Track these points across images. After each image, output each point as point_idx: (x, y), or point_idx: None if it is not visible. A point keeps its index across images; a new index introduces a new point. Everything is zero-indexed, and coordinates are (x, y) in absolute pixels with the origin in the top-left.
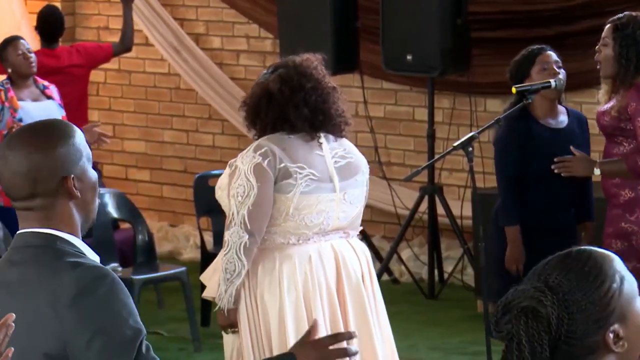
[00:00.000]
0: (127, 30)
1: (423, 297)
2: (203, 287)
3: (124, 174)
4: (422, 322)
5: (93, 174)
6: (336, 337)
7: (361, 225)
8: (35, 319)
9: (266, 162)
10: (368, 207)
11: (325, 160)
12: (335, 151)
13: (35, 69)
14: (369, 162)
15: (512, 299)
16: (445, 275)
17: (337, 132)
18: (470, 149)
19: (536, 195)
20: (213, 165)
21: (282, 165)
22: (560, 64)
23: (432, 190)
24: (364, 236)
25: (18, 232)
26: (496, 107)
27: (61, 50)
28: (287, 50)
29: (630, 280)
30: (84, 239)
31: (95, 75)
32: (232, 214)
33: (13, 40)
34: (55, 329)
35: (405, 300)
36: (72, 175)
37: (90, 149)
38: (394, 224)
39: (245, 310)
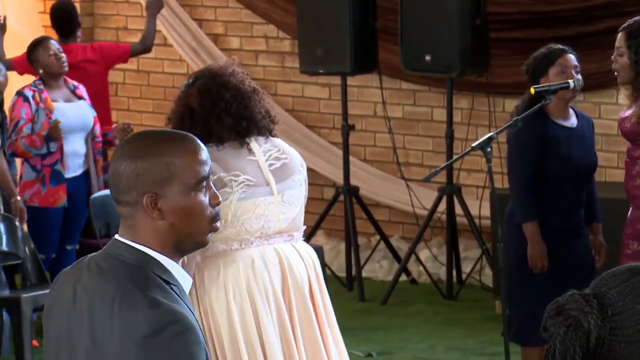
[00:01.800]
0: (148, 34)
1: (441, 297)
2: None
3: None
4: (440, 323)
5: (192, 201)
6: None
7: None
8: (104, 341)
9: None
10: (386, 208)
11: (259, 164)
12: (269, 153)
13: (66, 69)
14: (387, 163)
15: (566, 302)
16: (464, 276)
17: (265, 133)
18: (489, 149)
19: (552, 194)
20: None
21: (216, 176)
22: (579, 69)
23: (451, 191)
24: (382, 237)
25: (115, 236)
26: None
27: (75, 46)
28: (306, 51)
29: None
30: (103, 237)
31: (114, 76)
32: None
33: (43, 41)
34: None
35: (424, 300)
36: (153, 195)
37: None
38: (412, 224)
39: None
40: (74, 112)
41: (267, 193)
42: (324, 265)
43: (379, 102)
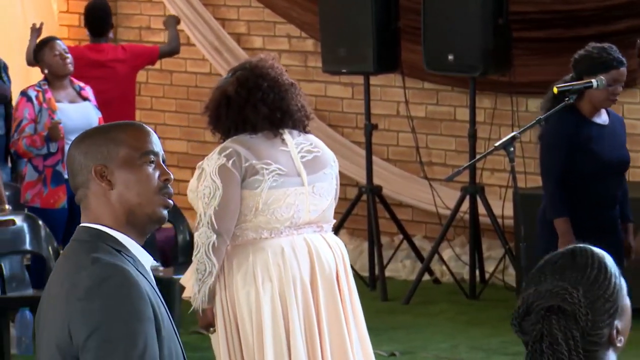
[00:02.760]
0: (173, 39)
1: (464, 297)
2: None
3: None
4: (463, 322)
5: (138, 171)
6: None
7: (406, 226)
8: (56, 310)
9: (230, 162)
10: (409, 207)
11: (291, 155)
12: (302, 146)
13: (71, 69)
14: (410, 162)
15: (534, 300)
16: (487, 276)
17: (299, 126)
18: (512, 149)
19: (583, 191)
20: None
21: (248, 163)
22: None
23: (474, 190)
24: (405, 236)
25: (79, 225)
26: (538, 106)
27: (107, 46)
28: (329, 50)
29: (621, 276)
30: None
31: (137, 75)
32: (200, 215)
33: (49, 41)
34: (66, 319)
35: (447, 300)
36: (102, 166)
37: None
38: (435, 224)
39: (221, 307)
40: (77, 113)
41: (298, 183)
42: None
43: (401, 101)
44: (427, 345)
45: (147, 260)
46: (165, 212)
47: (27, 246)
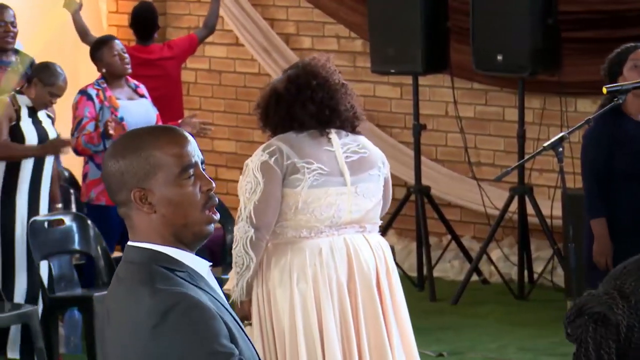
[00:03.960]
0: (211, 16)
1: (513, 297)
2: None
3: (214, 174)
4: (511, 323)
5: (180, 191)
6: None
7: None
8: (122, 342)
9: (273, 159)
10: (457, 207)
11: (335, 155)
12: (348, 146)
13: (130, 70)
14: (458, 162)
15: (585, 302)
16: (535, 276)
17: (348, 127)
18: (561, 149)
19: (623, 192)
20: None
21: (290, 161)
22: None
23: (522, 191)
24: (453, 236)
25: (127, 243)
26: (587, 107)
27: (154, 46)
28: (378, 51)
29: None
30: None
31: (186, 75)
32: (240, 210)
33: (108, 41)
34: (139, 357)
35: (495, 300)
36: (139, 190)
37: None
38: (483, 224)
39: (257, 302)
40: (138, 109)
41: (340, 183)
42: (395, 264)
43: (450, 101)
44: (475, 345)
45: (202, 267)
46: (211, 228)
47: (76, 246)
